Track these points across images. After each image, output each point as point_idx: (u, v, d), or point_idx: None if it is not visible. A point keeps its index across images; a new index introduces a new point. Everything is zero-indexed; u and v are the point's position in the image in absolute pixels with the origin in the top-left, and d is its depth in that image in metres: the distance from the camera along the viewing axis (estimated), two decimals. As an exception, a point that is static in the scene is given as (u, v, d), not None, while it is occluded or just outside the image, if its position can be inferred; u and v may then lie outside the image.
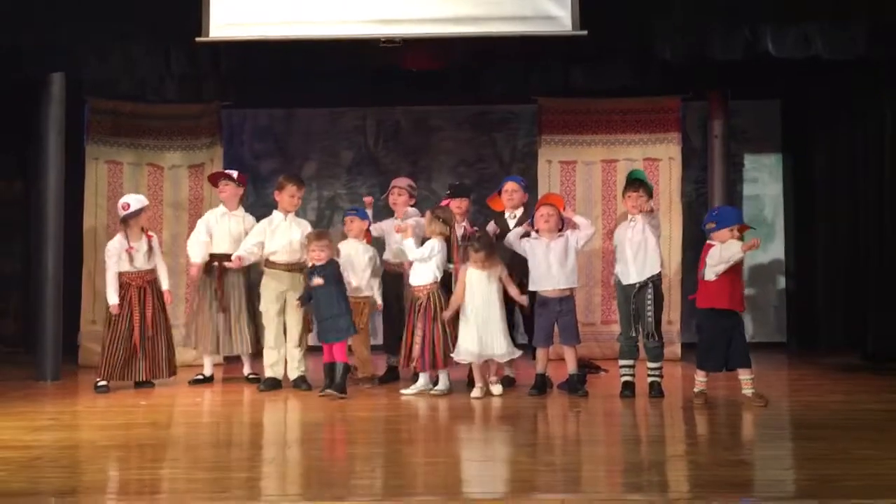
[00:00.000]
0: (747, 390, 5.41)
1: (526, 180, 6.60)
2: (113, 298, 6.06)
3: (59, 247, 6.76)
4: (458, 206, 6.17)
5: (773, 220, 8.50)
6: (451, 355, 5.77)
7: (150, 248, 6.22)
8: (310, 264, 5.93)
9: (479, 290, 5.72)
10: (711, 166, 7.71)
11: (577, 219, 5.93)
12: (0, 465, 4.05)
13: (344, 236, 6.44)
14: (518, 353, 5.90)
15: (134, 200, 6.23)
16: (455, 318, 5.78)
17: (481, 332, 5.70)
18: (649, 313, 5.60)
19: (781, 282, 8.45)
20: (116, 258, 6.10)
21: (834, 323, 7.83)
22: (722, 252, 5.33)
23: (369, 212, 6.50)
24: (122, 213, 6.18)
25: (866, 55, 6.25)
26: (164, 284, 6.27)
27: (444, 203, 6.23)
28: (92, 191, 7.58)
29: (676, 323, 7.50)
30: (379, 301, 6.32)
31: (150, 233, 6.31)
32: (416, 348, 5.76)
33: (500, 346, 5.74)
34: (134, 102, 7.71)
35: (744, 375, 5.42)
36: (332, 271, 5.86)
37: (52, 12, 6.38)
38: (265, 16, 6.24)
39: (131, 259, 6.10)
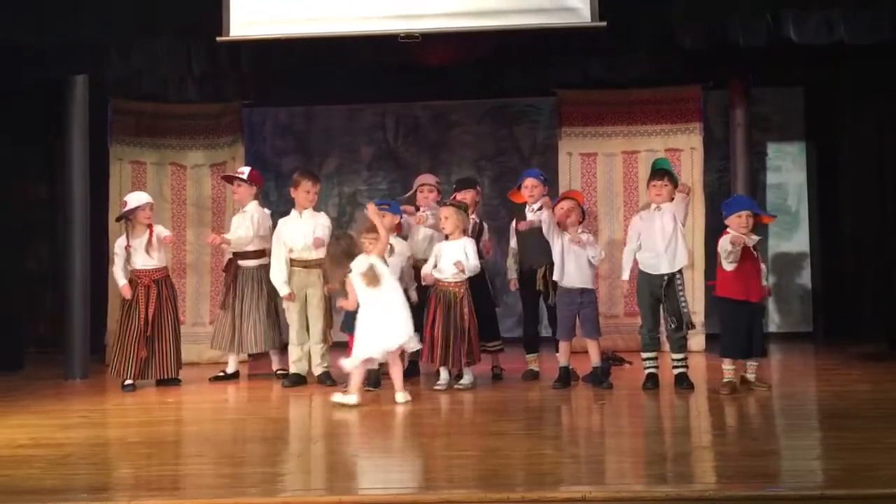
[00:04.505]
0: (750, 375, 5.49)
1: (545, 173, 6.58)
2: (122, 281, 6.16)
3: (85, 247, 6.84)
4: (462, 197, 6.20)
5: (797, 208, 8.41)
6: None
7: (150, 243, 6.10)
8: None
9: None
10: (734, 155, 7.64)
11: (583, 236, 5.89)
12: (33, 463, 4.13)
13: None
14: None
15: (131, 198, 6.23)
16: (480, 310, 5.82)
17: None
18: (684, 304, 5.60)
19: (806, 271, 8.35)
20: (121, 251, 6.15)
21: (861, 312, 7.72)
22: (721, 243, 5.40)
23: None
24: (122, 210, 6.22)
25: (891, 40, 6.16)
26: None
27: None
28: (116, 191, 7.63)
29: (700, 314, 7.43)
30: (414, 296, 6.06)
31: (153, 227, 6.18)
32: (455, 344, 5.70)
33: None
34: (156, 103, 7.78)
35: (751, 362, 5.50)
36: None
37: (73, 12, 6.43)
38: (284, 14, 6.27)
39: (129, 256, 6.11)
